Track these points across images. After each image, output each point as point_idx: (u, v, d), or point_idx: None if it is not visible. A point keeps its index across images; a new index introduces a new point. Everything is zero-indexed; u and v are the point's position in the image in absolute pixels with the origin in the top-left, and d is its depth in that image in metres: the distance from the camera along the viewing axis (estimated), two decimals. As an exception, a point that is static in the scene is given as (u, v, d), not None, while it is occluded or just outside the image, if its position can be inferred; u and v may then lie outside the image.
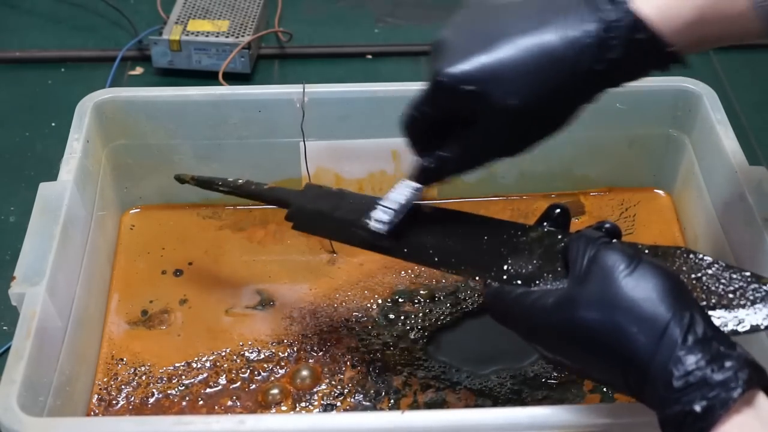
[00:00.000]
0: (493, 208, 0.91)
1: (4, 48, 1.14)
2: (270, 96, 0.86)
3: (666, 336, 0.52)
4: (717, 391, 0.51)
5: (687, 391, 0.51)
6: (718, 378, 0.51)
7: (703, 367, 0.51)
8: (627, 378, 0.54)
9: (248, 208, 0.91)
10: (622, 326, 0.53)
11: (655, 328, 0.53)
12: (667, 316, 0.53)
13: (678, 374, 0.51)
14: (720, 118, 0.83)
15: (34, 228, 0.72)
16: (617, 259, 0.55)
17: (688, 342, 0.52)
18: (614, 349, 0.54)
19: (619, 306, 0.54)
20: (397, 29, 1.20)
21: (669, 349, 0.52)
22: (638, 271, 0.54)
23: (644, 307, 0.53)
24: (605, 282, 0.55)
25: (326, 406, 0.75)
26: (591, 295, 0.55)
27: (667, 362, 0.52)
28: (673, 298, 0.53)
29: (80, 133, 0.80)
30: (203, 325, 0.81)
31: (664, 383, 0.52)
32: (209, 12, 1.11)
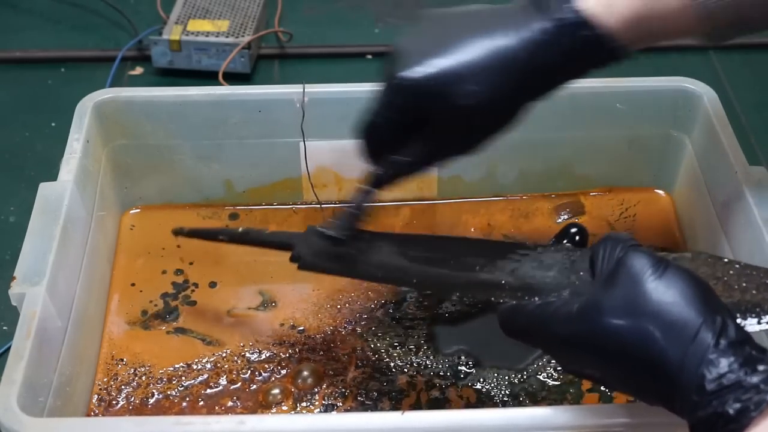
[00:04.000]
0: (493, 208, 0.91)
1: (4, 48, 1.14)
2: (270, 96, 0.86)
3: (697, 340, 0.52)
4: (751, 393, 0.50)
5: (720, 394, 0.51)
6: (753, 381, 0.51)
7: (736, 370, 0.51)
8: (656, 384, 0.53)
9: (248, 208, 0.91)
10: (652, 332, 0.53)
11: (686, 332, 0.52)
12: (698, 320, 0.52)
13: (711, 377, 0.51)
14: (720, 118, 0.83)
15: (34, 228, 0.72)
16: (645, 263, 0.55)
17: (720, 345, 0.52)
18: (643, 356, 0.53)
19: (647, 311, 0.53)
20: (397, 29, 1.20)
21: (701, 353, 0.52)
22: (666, 275, 0.54)
23: (674, 312, 0.53)
24: (633, 286, 0.54)
25: (327, 407, 0.75)
26: (618, 300, 0.54)
27: (698, 366, 0.51)
28: (702, 302, 0.53)
29: (80, 133, 0.80)
30: (204, 325, 0.81)
31: (696, 387, 0.51)
32: (209, 12, 1.11)
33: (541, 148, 0.90)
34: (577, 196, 0.93)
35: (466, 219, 0.90)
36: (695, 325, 0.52)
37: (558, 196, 0.93)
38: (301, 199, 0.91)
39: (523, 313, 0.60)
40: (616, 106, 0.87)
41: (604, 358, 0.55)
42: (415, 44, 0.64)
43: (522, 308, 0.60)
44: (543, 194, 0.93)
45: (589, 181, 0.93)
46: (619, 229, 0.90)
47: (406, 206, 0.91)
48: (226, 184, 0.91)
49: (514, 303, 0.61)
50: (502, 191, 0.92)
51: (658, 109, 0.88)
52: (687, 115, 0.87)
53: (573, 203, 0.92)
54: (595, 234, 0.89)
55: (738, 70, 1.12)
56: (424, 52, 0.63)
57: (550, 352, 0.60)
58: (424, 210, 0.91)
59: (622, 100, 0.87)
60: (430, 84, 0.62)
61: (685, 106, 0.87)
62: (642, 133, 0.90)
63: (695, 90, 0.86)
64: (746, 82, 1.10)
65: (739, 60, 1.13)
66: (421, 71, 0.62)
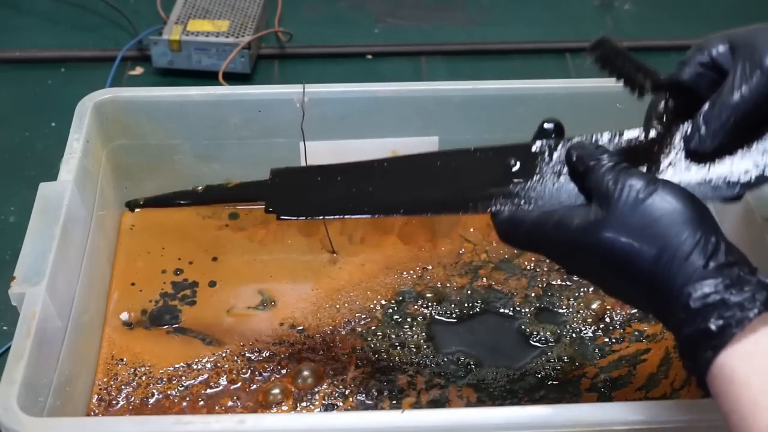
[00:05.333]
0: (493, 208, 0.91)
1: (4, 48, 1.14)
2: (270, 96, 0.86)
3: (688, 261, 0.54)
4: (733, 311, 0.52)
5: (704, 311, 0.52)
6: (736, 299, 0.52)
7: (721, 291, 0.52)
8: (650, 299, 0.55)
9: (249, 207, 0.91)
10: (646, 248, 0.55)
11: (679, 251, 0.54)
12: (690, 240, 0.54)
13: (696, 296, 0.53)
14: (720, 118, 0.83)
15: (34, 228, 0.72)
16: (640, 182, 0.56)
17: (709, 267, 0.53)
18: (638, 271, 0.55)
19: (643, 228, 0.55)
20: (397, 29, 1.20)
21: (690, 273, 0.53)
22: (660, 193, 0.56)
23: (668, 231, 0.54)
24: (629, 204, 0.56)
25: (327, 406, 0.75)
26: (615, 217, 0.56)
27: (686, 284, 0.53)
28: (696, 222, 0.55)
29: (80, 133, 0.80)
30: (204, 325, 0.81)
31: (682, 305, 0.53)
32: (209, 12, 1.11)
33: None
34: (577, 196, 0.92)
35: (465, 219, 0.90)
36: (687, 245, 0.54)
37: (558, 196, 0.92)
38: (301, 199, 0.91)
39: (524, 224, 0.61)
40: (616, 106, 0.87)
41: (604, 270, 0.57)
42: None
43: (521, 219, 0.61)
44: (543, 194, 0.93)
45: (589, 181, 0.93)
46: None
47: (406, 206, 0.91)
48: (226, 184, 0.91)
49: (512, 212, 0.61)
50: (502, 191, 0.92)
51: (658, 109, 0.88)
52: (687, 115, 0.87)
53: (573, 203, 0.92)
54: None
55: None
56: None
57: (552, 258, 0.62)
58: (424, 210, 0.91)
59: (622, 100, 0.87)
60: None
61: (684, 106, 0.87)
62: (642, 133, 0.90)
63: (695, 90, 0.86)
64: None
65: (739, 60, 1.13)
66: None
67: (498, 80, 0.88)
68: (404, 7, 1.23)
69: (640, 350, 0.80)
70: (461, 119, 0.87)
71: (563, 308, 0.83)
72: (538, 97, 0.86)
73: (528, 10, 1.22)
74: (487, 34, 1.18)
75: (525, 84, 0.88)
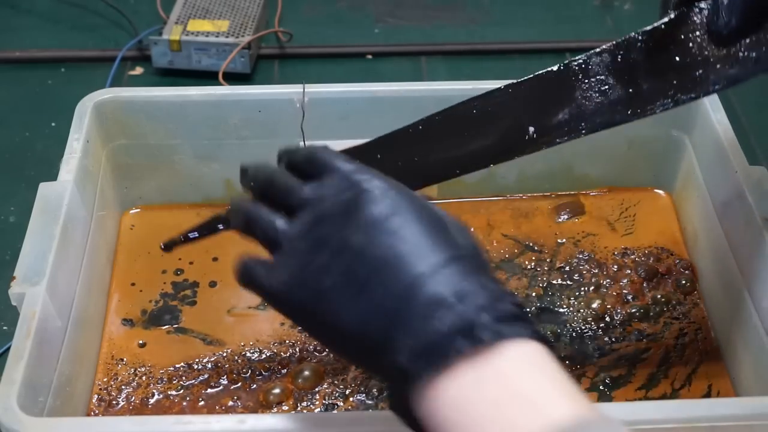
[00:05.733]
0: (493, 208, 0.91)
1: (4, 48, 1.14)
2: (270, 96, 0.86)
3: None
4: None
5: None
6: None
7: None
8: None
9: (248, 208, 0.91)
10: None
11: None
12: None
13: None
14: (720, 118, 0.83)
15: (34, 228, 0.72)
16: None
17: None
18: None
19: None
20: (397, 29, 1.20)
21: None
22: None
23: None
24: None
25: (328, 406, 0.75)
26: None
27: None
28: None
29: (80, 133, 0.80)
30: (204, 325, 0.81)
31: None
32: (209, 12, 1.11)
33: (541, 148, 0.90)
34: (577, 196, 0.93)
35: (466, 219, 0.90)
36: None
37: (558, 196, 0.93)
38: (301, 199, 0.91)
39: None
40: (616, 106, 0.87)
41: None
42: None
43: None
44: (543, 194, 0.93)
45: (589, 181, 0.93)
46: (618, 229, 0.90)
47: (406, 206, 0.91)
48: (226, 184, 0.91)
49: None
50: (502, 191, 0.92)
51: (658, 109, 0.88)
52: (687, 115, 0.87)
53: (573, 203, 0.92)
54: (594, 234, 0.89)
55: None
56: None
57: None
58: (424, 210, 0.91)
59: (622, 100, 0.87)
60: None
61: (685, 106, 0.87)
62: (642, 133, 0.90)
63: (695, 90, 0.86)
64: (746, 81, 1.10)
65: (739, 60, 1.13)
66: None
67: (498, 80, 0.88)
68: (404, 7, 1.23)
69: (640, 350, 0.80)
70: (461, 119, 0.87)
71: (563, 308, 0.83)
72: (538, 97, 0.86)
73: (528, 10, 1.22)
74: (487, 34, 1.18)
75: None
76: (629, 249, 0.88)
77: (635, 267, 0.86)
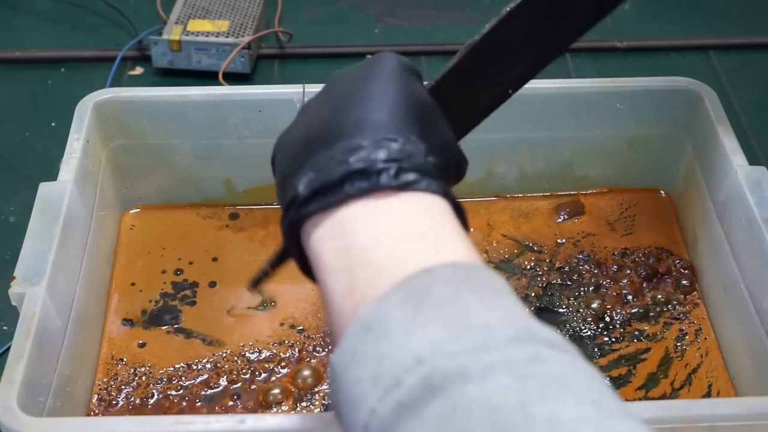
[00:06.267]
0: (493, 208, 0.91)
1: (4, 48, 1.14)
2: (270, 96, 0.86)
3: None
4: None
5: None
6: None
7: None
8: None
9: (249, 208, 0.91)
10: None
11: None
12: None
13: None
14: (720, 118, 0.83)
15: (34, 228, 0.72)
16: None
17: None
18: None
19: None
20: (397, 29, 1.20)
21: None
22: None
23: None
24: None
25: (327, 406, 0.75)
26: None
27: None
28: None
29: (80, 133, 0.80)
30: (204, 325, 0.81)
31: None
32: (209, 12, 1.11)
33: (541, 148, 0.90)
34: (577, 196, 0.93)
35: (466, 219, 0.90)
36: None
37: (558, 196, 0.93)
38: (301, 199, 0.91)
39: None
40: (616, 106, 0.87)
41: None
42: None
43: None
44: (543, 194, 0.93)
45: (589, 181, 0.93)
46: (618, 229, 0.90)
47: (406, 206, 0.91)
48: (226, 184, 0.91)
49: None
50: (502, 191, 0.92)
51: (658, 109, 0.88)
52: (687, 115, 0.87)
53: (573, 203, 0.92)
54: (594, 234, 0.89)
55: (738, 70, 1.12)
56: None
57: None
58: (424, 210, 0.91)
59: (622, 100, 0.87)
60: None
61: (685, 106, 0.87)
62: (642, 133, 0.90)
63: (695, 90, 0.86)
64: (746, 82, 1.10)
65: (739, 60, 1.13)
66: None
67: (498, 80, 0.88)
68: (404, 7, 1.23)
69: (640, 350, 0.80)
70: (461, 119, 0.87)
71: (563, 308, 0.83)
72: (538, 97, 0.86)
73: (528, 10, 1.22)
74: (487, 34, 1.18)
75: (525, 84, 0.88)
76: (629, 249, 0.88)
77: (635, 267, 0.86)
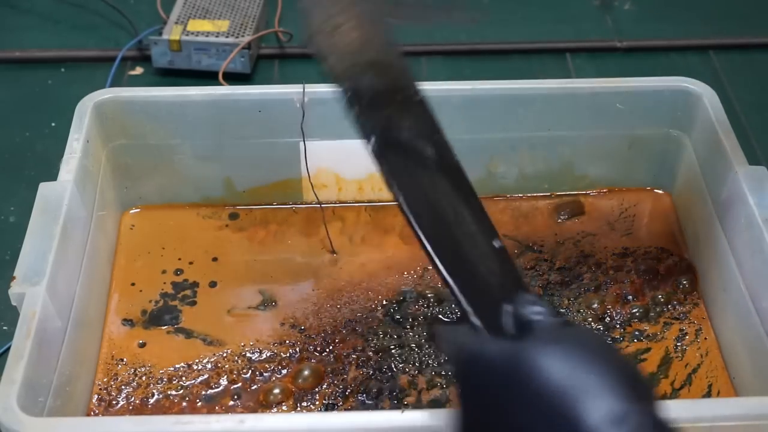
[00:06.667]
0: (493, 208, 0.91)
1: (4, 48, 1.14)
2: (270, 96, 0.86)
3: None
4: None
5: None
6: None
7: None
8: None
9: (249, 208, 0.91)
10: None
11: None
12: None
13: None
14: (720, 118, 0.83)
15: (34, 228, 0.72)
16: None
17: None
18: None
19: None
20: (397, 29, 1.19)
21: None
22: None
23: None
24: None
25: (327, 406, 0.75)
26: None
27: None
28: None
29: (80, 133, 0.80)
30: (204, 325, 0.81)
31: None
32: (209, 12, 1.11)
33: (541, 148, 0.90)
34: (577, 196, 0.93)
35: (466, 219, 0.90)
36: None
37: (558, 196, 0.93)
38: (301, 199, 0.91)
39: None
40: (616, 106, 0.88)
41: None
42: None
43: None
44: (543, 194, 0.93)
45: (589, 181, 0.93)
46: (618, 229, 0.90)
47: (406, 206, 0.91)
48: (226, 184, 0.91)
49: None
50: (502, 191, 0.92)
51: (658, 109, 0.88)
52: (687, 115, 0.87)
53: (573, 203, 0.92)
54: (594, 234, 0.89)
55: (738, 70, 1.12)
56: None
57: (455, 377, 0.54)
58: (424, 210, 0.91)
59: (622, 100, 0.87)
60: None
61: (685, 106, 0.87)
62: (642, 133, 0.90)
63: (695, 90, 0.86)
64: (746, 82, 1.10)
65: (739, 60, 1.13)
66: None
67: (498, 80, 0.88)
68: (404, 7, 1.23)
69: (640, 350, 0.80)
70: (461, 119, 0.87)
71: (563, 308, 0.83)
72: (538, 97, 0.87)
73: (528, 10, 1.22)
74: (487, 34, 1.18)
75: (525, 84, 0.88)
76: (629, 249, 0.88)
77: (635, 267, 0.86)
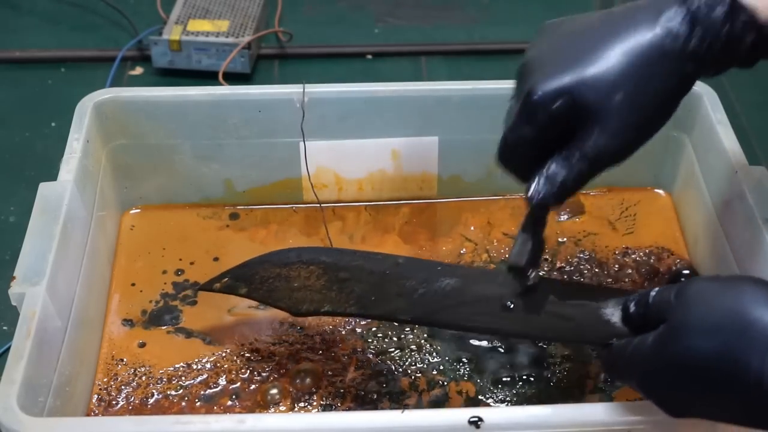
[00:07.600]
0: (493, 207, 0.91)
1: (4, 48, 1.14)
2: (270, 96, 0.86)
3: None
4: None
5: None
6: None
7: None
8: (746, 405, 0.52)
9: (249, 208, 0.91)
10: (734, 349, 0.52)
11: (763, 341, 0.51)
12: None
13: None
14: (720, 118, 0.83)
15: (34, 228, 0.72)
16: (705, 284, 0.56)
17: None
18: (730, 374, 0.52)
19: (723, 328, 0.53)
20: (397, 29, 1.20)
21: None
22: (729, 288, 0.55)
23: (747, 323, 0.52)
24: (703, 307, 0.55)
25: (326, 407, 0.75)
26: (692, 323, 0.54)
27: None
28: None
29: (80, 133, 0.80)
30: (204, 325, 0.81)
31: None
32: (209, 12, 1.11)
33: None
34: (577, 196, 0.93)
35: (466, 218, 0.90)
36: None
37: (558, 196, 0.92)
38: (301, 199, 0.91)
39: (611, 356, 0.61)
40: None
41: (693, 387, 0.54)
42: (549, 55, 0.61)
43: (611, 350, 0.61)
44: (543, 194, 0.93)
45: (589, 180, 0.93)
46: (619, 228, 0.90)
47: (406, 205, 0.91)
48: (226, 184, 0.91)
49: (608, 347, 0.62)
50: (502, 191, 0.92)
51: (658, 109, 0.88)
52: (687, 115, 0.87)
53: (573, 203, 0.92)
54: (596, 233, 0.89)
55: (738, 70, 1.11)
56: (557, 61, 0.60)
57: (641, 391, 0.59)
58: (424, 209, 0.91)
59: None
60: (567, 91, 0.59)
61: (685, 106, 0.86)
62: (642, 132, 0.90)
63: (695, 90, 0.86)
64: (746, 82, 1.10)
65: (739, 60, 1.13)
66: (556, 81, 0.59)
67: (498, 80, 0.88)
68: (404, 7, 1.23)
69: (640, 350, 0.80)
70: (461, 119, 0.87)
71: (563, 308, 0.82)
72: (538, 96, 0.86)
73: (528, 9, 1.22)
74: (487, 34, 1.18)
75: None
76: (630, 248, 0.88)
77: (636, 266, 0.86)
